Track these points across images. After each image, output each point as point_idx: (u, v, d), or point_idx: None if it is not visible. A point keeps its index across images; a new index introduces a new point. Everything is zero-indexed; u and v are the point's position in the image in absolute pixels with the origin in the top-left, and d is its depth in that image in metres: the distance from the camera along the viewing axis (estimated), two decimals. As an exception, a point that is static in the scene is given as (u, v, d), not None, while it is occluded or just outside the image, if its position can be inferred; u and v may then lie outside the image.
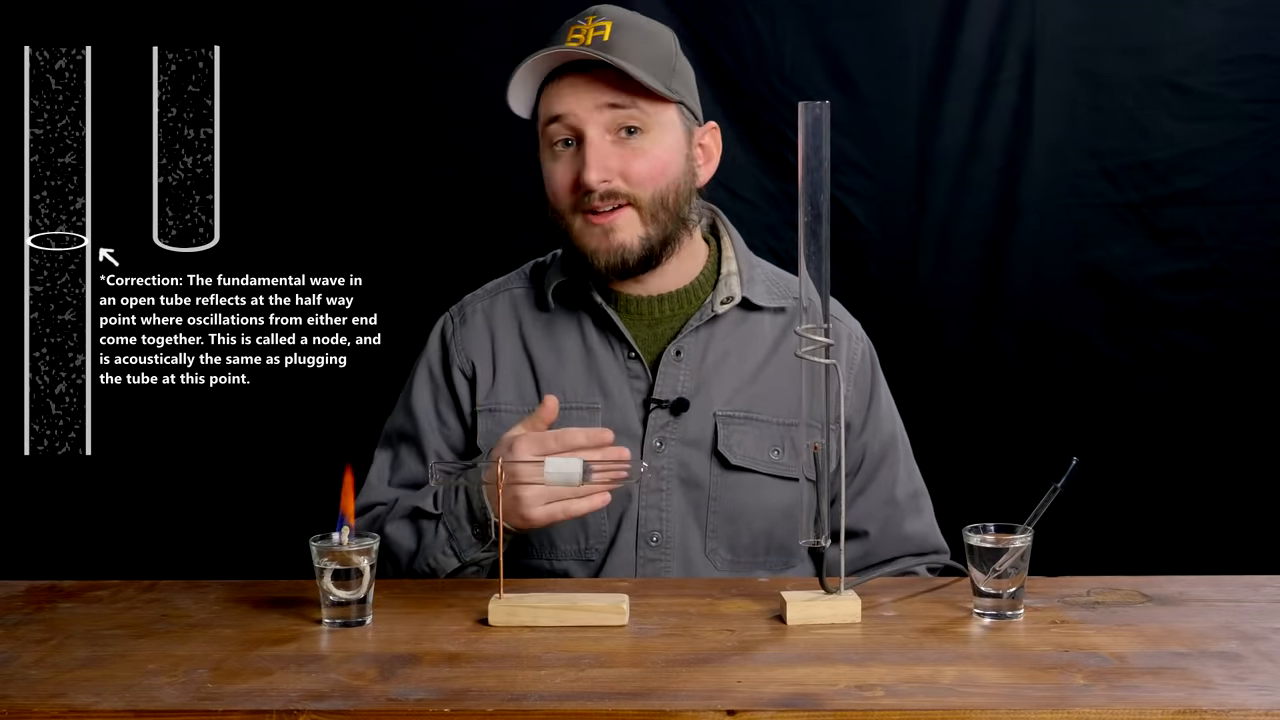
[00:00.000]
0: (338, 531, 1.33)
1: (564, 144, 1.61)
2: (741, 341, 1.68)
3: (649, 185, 1.60)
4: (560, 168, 1.62)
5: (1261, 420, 2.33)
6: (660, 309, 1.69)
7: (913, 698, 1.09)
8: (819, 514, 1.33)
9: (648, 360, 1.66)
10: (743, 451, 1.64)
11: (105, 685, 1.14)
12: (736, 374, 1.67)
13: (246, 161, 2.37)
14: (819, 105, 1.30)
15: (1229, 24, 2.27)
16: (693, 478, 1.63)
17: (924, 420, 2.25)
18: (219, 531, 2.41)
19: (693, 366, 1.66)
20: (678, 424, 1.64)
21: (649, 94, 1.60)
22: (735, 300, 1.68)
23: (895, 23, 2.32)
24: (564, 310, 1.70)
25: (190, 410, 2.42)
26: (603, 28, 1.59)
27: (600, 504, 1.42)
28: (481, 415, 1.68)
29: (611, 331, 1.67)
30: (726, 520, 1.64)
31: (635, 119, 1.60)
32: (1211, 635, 1.25)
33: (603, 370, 1.66)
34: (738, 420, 1.65)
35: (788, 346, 1.68)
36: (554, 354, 1.68)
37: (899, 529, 1.69)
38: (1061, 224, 2.32)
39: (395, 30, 2.34)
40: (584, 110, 1.59)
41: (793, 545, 1.66)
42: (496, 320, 1.72)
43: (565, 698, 1.10)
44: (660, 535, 1.63)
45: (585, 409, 1.65)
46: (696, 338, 1.67)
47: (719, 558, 1.64)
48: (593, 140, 1.58)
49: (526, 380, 1.69)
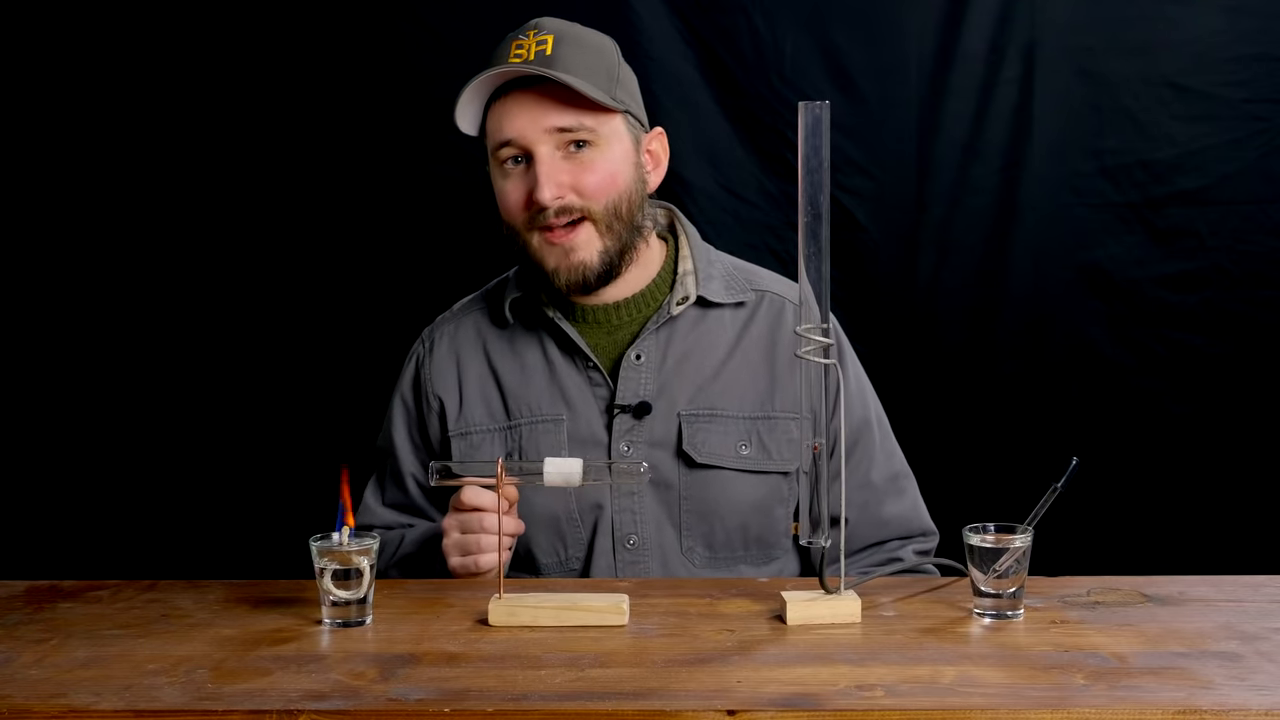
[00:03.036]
0: (338, 531, 1.33)
1: (513, 161, 1.64)
2: (701, 339, 1.70)
3: (601, 197, 1.63)
4: (511, 185, 1.64)
5: (1261, 420, 2.33)
6: (618, 315, 1.71)
7: (913, 698, 1.09)
8: (818, 513, 1.33)
9: (607, 366, 1.69)
10: (708, 449, 1.65)
11: (105, 685, 1.14)
12: (698, 372, 1.68)
13: (246, 162, 2.37)
14: (819, 105, 1.30)
15: (1229, 24, 2.27)
16: (662, 479, 1.65)
17: (924, 420, 2.26)
18: (219, 531, 2.41)
19: (653, 369, 1.68)
20: (642, 427, 1.66)
21: (594, 106, 1.62)
22: (691, 299, 1.70)
23: (895, 23, 2.32)
24: (524, 325, 1.74)
25: (190, 410, 2.42)
26: (544, 41, 1.61)
27: (491, 564, 1.52)
28: (454, 440, 1.73)
29: (570, 343, 1.70)
30: (699, 518, 1.65)
31: (583, 134, 1.62)
32: (1211, 635, 1.25)
33: (564, 381, 1.69)
34: (702, 419, 1.66)
35: (749, 341, 1.70)
36: (518, 369, 1.72)
37: (877, 513, 1.70)
38: (1061, 224, 2.32)
39: (396, 32, 2.34)
40: (533, 131, 1.61)
41: (771, 538, 1.67)
42: (461, 344, 1.76)
43: (565, 698, 1.10)
44: (637, 537, 1.65)
45: (550, 420, 1.68)
46: (655, 340, 1.69)
47: (696, 555, 1.66)
48: (542, 158, 1.61)
49: (494, 398, 1.72)
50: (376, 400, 1.93)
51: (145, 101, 2.37)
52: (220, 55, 2.36)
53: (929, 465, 1.84)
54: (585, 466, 1.36)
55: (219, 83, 2.36)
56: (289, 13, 2.34)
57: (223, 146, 2.37)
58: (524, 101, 1.62)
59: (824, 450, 1.33)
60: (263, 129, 2.36)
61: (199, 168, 2.38)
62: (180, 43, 2.36)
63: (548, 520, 1.66)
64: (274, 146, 2.37)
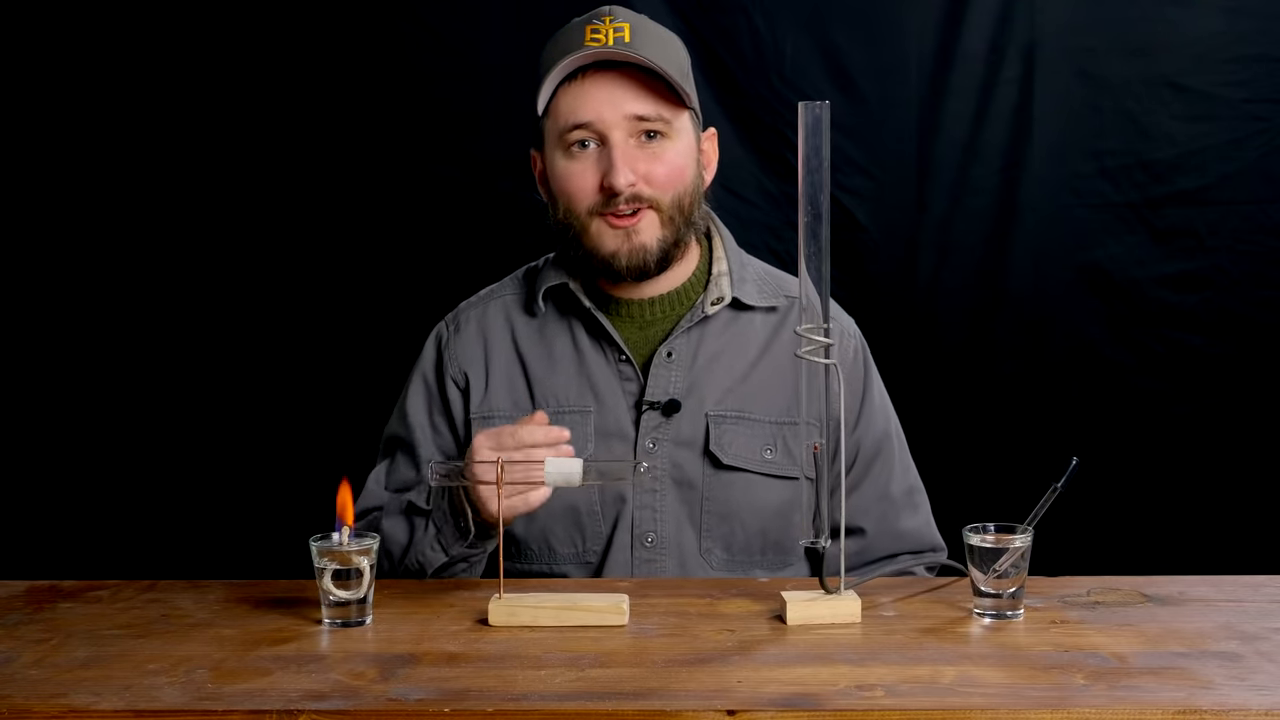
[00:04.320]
0: (338, 531, 1.33)
1: (581, 145, 1.61)
2: (732, 341, 1.69)
3: (670, 189, 1.61)
4: (580, 168, 1.61)
5: (1261, 420, 2.33)
6: (652, 310, 1.69)
7: (913, 698, 1.09)
8: (819, 514, 1.33)
9: (639, 362, 1.67)
10: (734, 451, 1.64)
11: (105, 685, 1.14)
12: (728, 374, 1.67)
13: (245, 162, 2.37)
14: (819, 105, 1.30)
15: (1229, 24, 2.27)
16: (686, 478, 1.64)
17: (924, 420, 2.25)
18: (219, 531, 2.41)
19: (684, 367, 1.66)
20: (670, 425, 1.64)
21: (669, 98, 1.60)
22: (725, 301, 1.69)
23: (895, 23, 2.32)
24: (556, 314, 1.71)
25: (191, 410, 2.42)
26: (621, 29, 1.59)
27: (540, 499, 1.40)
28: (475, 423, 1.68)
29: (602, 334, 1.67)
30: (720, 520, 1.64)
31: (658, 125, 1.60)
32: (1211, 635, 1.25)
33: (594, 373, 1.67)
34: (729, 420, 1.65)
35: (779, 346, 1.69)
36: (546, 358, 1.69)
37: (894, 525, 1.70)
38: (1061, 224, 2.32)
39: (395, 32, 2.34)
40: (612, 115, 1.58)
41: (788, 544, 1.66)
42: (489, 327, 1.72)
43: (565, 698, 1.10)
44: (655, 536, 1.63)
45: (578, 412, 1.65)
46: (688, 338, 1.67)
47: (714, 557, 1.64)
48: (619, 144, 1.59)
49: (519, 385, 1.69)
50: (376, 400, 1.92)
51: (146, 102, 2.37)
52: (221, 55, 2.36)
53: (929, 465, 1.84)
54: (586, 466, 1.36)
55: (219, 82, 2.36)
56: (290, 13, 2.34)
57: (222, 146, 2.37)
58: (604, 85, 1.59)
59: (824, 451, 1.33)
60: (263, 128, 2.37)
61: (198, 168, 2.38)
62: (181, 43, 2.36)
63: (568, 511, 1.64)
64: (274, 146, 2.37)
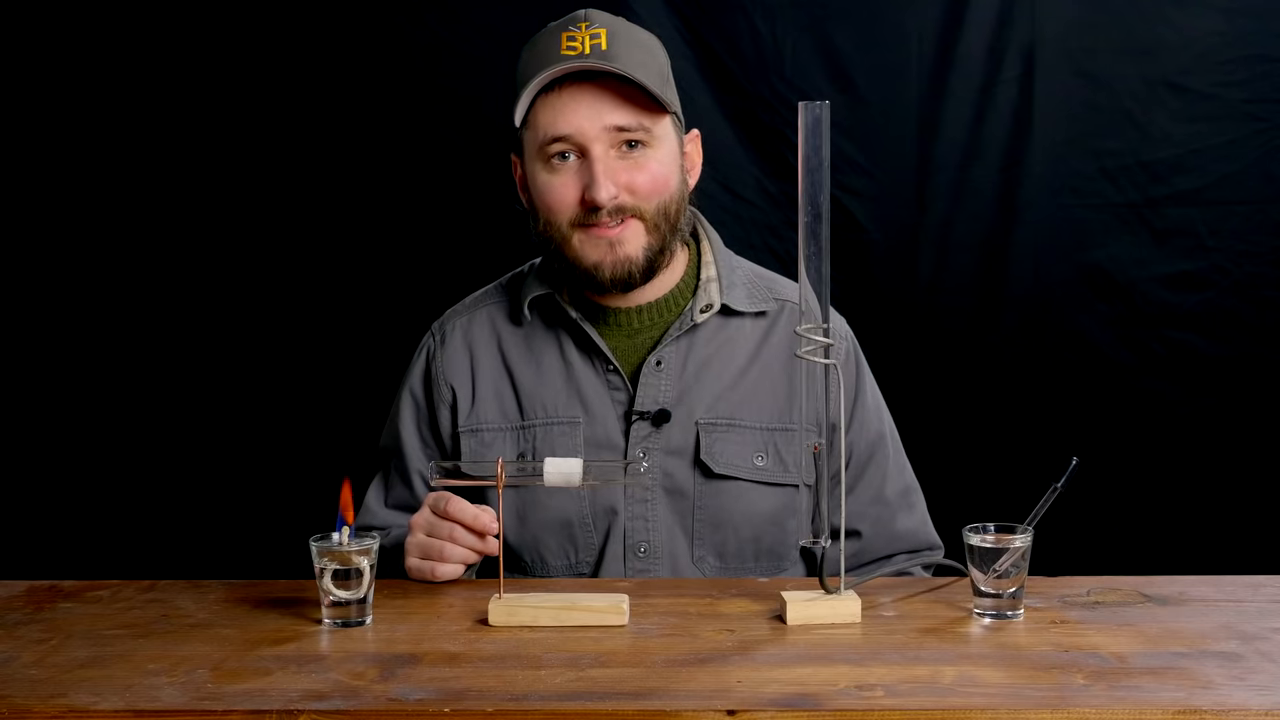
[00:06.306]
0: (338, 531, 1.33)
1: (561, 157, 1.59)
2: (722, 348, 1.67)
3: (653, 198, 1.59)
4: (560, 181, 1.59)
5: (1261, 420, 2.33)
6: (640, 319, 1.67)
7: (913, 698, 1.09)
8: (818, 514, 1.33)
9: (627, 371, 1.66)
10: (725, 459, 1.63)
11: (105, 685, 1.14)
12: (718, 381, 1.66)
13: (244, 163, 2.37)
14: (819, 105, 1.30)
15: (1229, 24, 2.27)
16: (677, 487, 1.63)
17: (924, 420, 2.25)
18: (219, 531, 2.41)
19: (673, 376, 1.65)
20: (660, 434, 1.63)
21: (650, 106, 1.58)
22: (715, 308, 1.67)
23: (895, 23, 2.32)
24: (543, 324, 1.69)
25: (191, 410, 2.42)
26: (598, 35, 1.56)
27: (447, 575, 1.46)
28: (464, 436, 1.68)
29: (589, 344, 1.66)
30: (712, 528, 1.63)
31: (639, 134, 1.58)
32: (1211, 635, 1.25)
33: (582, 384, 1.66)
34: (720, 428, 1.64)
35: (769, 351, 1.68)
36: (533, 368, 1.68)
37: (890, 527, 1.69)
38: (1061, 224, 2.32)
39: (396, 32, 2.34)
40: (591, 128, 1.56)
41: (781, 550, 1.66)
42: (475, 339, 1.71)
43: (565, 698, 1.10)
44: (648, 545, 1.63)
45: (566, 423, 1.65)
46: (677, 347, 1.66)
47: (707, 565, 1.64)
48: (599, 157, 1.56)
49: (507, 396, 1.68)
50: (376, 401, 1.92)
51: (147, 102, 2.37)
52: (221, 55, 2.36)
53: (929, 465, 1.84)
54: (586, 467, 1.36)
55: (220, 82, 2.36)
56: (291, 13, 2.34)
57: (222, 146, 2.37)
58: (581, 97, 1.56)
59: (824, 451, 1.33)
60: (263, 128, 2.37)
61: (198, 168, 2.38)
62: (182, 43, 2.36)
63: (560, 523, 1.63)
64: (273, 146, 2.37)
